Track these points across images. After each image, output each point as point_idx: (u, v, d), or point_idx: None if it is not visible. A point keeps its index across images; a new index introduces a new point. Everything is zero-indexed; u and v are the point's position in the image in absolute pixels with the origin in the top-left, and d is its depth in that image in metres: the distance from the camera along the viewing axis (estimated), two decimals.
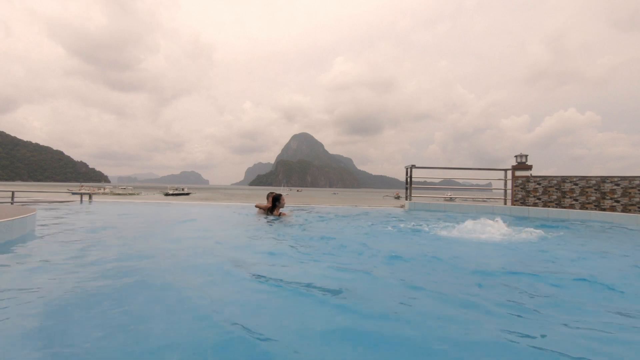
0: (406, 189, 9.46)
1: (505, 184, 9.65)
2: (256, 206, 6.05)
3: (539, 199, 8.99)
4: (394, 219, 6.43)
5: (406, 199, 9.45)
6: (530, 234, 4.55)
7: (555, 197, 8.79)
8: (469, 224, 4.83)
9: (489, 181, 10.96)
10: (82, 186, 56.41)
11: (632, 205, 7.82)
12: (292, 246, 3.56)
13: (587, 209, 8.26)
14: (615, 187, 8.07)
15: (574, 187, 8.58)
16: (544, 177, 9.00)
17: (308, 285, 2.18)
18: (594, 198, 8.30)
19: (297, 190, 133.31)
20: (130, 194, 58.56)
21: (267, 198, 5.79)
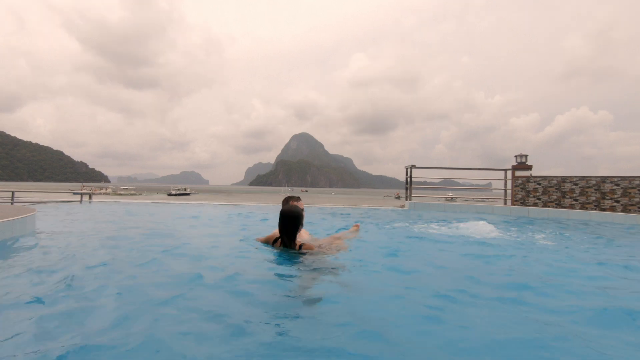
0: (406, 189, 9.47)
1: (506, 184, 9.66)
2: (258, 240, 3.36)
3: (539, 199, 8.99)
4: (394, 219, 6.44)
5: (406, 199, 9.46)
6: (529, 234, 4.55)
7: (555, 197, 8.79)
8: (467, 224, 4.84)
9: (489, 181, 10.97)
10: (83, 186, 56.36)
11: (632, 205, 7.82)
12: None
13: (587, 209, 8.27)
14: (615, 187, 8.07)
15: (574, 187, 8.59)
16: (544, 177, 9.00)
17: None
18: (594, 198, 8.31)
19: (301, 191, 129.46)
20: (132, 194, 58.59)
21: (283, 204, 3.29)
